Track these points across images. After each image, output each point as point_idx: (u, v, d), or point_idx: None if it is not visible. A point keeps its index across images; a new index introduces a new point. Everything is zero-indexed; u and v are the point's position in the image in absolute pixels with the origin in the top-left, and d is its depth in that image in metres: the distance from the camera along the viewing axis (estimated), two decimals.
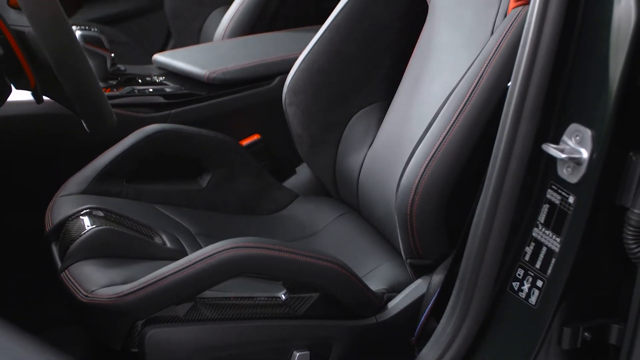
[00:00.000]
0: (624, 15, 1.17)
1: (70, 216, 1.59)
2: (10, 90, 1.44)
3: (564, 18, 1.24)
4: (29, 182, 1.88)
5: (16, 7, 1.35)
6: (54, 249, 1.58)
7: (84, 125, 1.38)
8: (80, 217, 1.57)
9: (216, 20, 2.57)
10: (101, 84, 1.74)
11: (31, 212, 1.73)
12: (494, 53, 1.43)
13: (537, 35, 1.24)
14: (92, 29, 1.96)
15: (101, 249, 1.50)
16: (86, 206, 1.60)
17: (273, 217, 1.85)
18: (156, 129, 1.77)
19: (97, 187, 1.70)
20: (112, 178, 1.72)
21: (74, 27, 1.80)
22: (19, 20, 1.33)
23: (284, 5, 2.41)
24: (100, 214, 1.58)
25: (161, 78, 2.08)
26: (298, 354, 1.42)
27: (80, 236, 1.51)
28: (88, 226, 1.53)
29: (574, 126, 1.23)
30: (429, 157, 1.45)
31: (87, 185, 1.70)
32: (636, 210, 1.19)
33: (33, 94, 1.44)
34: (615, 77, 1.18)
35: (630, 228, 1.20)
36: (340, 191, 1.85)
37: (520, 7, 1.42)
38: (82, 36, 1.91)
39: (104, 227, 1.53)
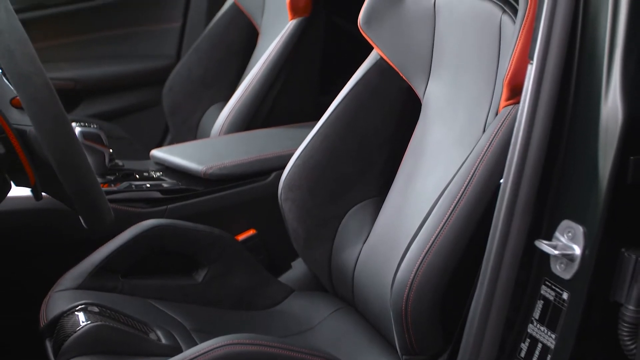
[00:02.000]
0: (612, 114, 1.20)
1: (65, 312, 1.59)
2: (10, 187, 1.46)
3: (553, 117, 1.27)
4: (24, 277, 1.88)
5: (19, 107, 1.38)
6: (48, 345, 1.57)
7: (82, 221, 1.39)
8: (75, 312, 1.57)
9: (213, 116, 2.61)
10: (99, 180, 1.76)
11: (26, 307, 1.73)
12: (486, 150, 1.45)
13: (528, 134, 1.27)
14: (92, 126, 1.99)
15: (96, 345, 1.49)
16: (81, 302, 1.60)
17: (268, 313, 1.84)
18: (152, 224, 1.78)
19: (93, 282, 1.70)
20: (108, 273, 1.72)
21: (73, 124, 1.84)
22: (21, 119, 1.36)
23: (280, 101, 2.46)
24: (96, 309, 1.58)
25: (158, 173, 2.10)
26: None
27: (75, 332, 1.50)
28: (83, 322, 1.53)
29: (566, 222, 1.25)
30: (424, 253, 1.45)
31: (82, 280, 1.70)
32: (630, 307, 1.20)
33: (32, 191, 1.45)
34: (605, 175, 1.20)
35: (625, 324, 1.21)
36: (336, 286, 1.85)
37: (511, 106, 1.45)
38: (81, 133, 1.93)
39: (98, 323, 1.52)
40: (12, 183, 1.46)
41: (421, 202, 1.61)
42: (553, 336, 1.26)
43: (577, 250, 1.22)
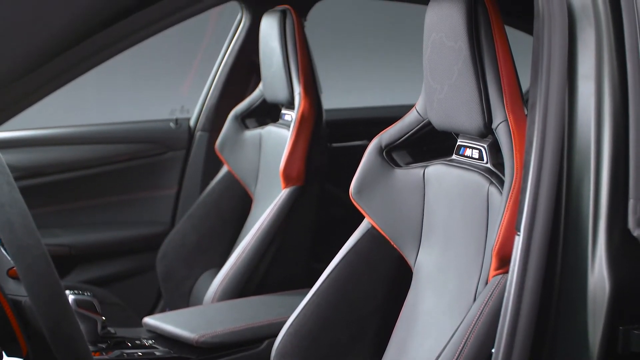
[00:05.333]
0: (599, 285, 1.22)
1: None
2: (1, 358, 1.45)
3: (541, 287, 1.29)
4: None
5: (15, 278, 1.39)
6: None
7: None
8: None
9: (207, 282, 2.62)
10: (91, 348, 1.75)
11: None
12: (477, 320, 1.46)
13: (517, 304, 1.29)
14: (85, 294, 2.00)
15: None
16: None
17: None
18: None
19: None
20: None
21: (67, 292, 1.85)
22: (17, 290, 1.38)
23: (273, 269, 2.48)
24: None
25: (150, 341, 2.09)
26: None
27: None
28: None
29: None
30: None
31: None
32: None
33: None
34: (595, 345, 1.21)
35: None
36: None
37: (500, 276, 1.47)
38: (75, 301, 1.94)
39: None
40: (3, 353, 1.45)
41: None
42: None
43: None
